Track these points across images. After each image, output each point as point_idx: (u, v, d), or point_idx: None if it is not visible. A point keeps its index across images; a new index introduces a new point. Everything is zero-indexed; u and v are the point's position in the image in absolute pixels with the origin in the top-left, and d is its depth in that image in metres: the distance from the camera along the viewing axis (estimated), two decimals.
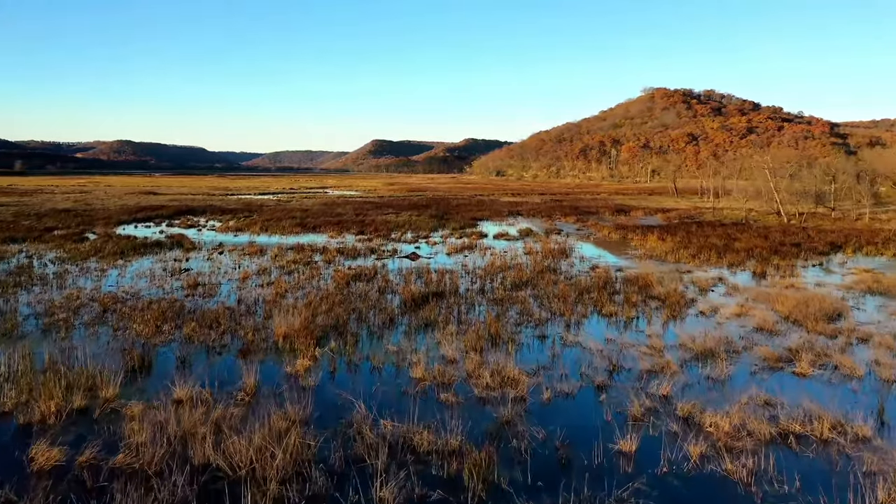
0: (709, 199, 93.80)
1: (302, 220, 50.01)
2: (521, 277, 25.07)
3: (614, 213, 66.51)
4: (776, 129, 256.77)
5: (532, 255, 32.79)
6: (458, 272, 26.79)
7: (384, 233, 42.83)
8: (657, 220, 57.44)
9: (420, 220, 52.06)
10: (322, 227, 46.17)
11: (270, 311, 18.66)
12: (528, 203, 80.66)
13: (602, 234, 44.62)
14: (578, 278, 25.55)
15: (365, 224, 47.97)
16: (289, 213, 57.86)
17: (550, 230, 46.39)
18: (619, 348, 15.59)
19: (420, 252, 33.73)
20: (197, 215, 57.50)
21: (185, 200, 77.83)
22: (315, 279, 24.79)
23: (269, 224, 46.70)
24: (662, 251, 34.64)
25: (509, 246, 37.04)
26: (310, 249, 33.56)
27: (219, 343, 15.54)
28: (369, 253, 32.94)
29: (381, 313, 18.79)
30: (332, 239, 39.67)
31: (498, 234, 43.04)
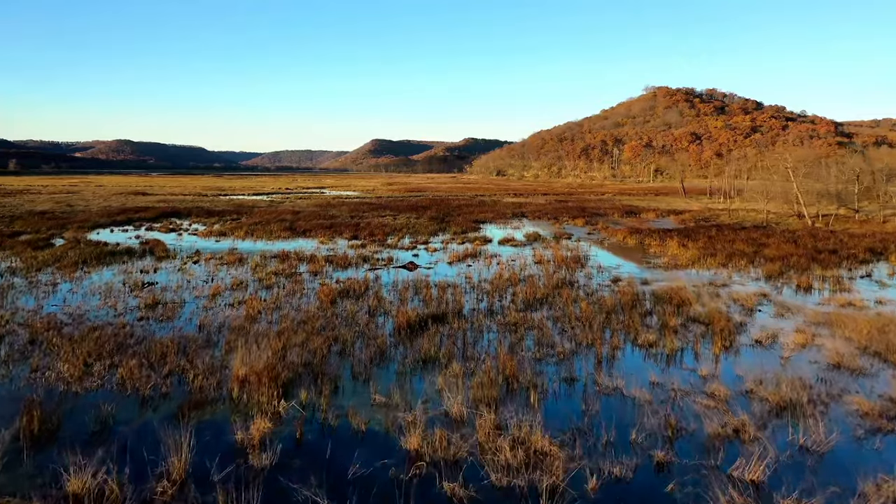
0: (720, 199, 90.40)
1: (292, 224, 46.58)
2: (534, 294, 21.64)
3: (624, 215, 63.11)
4: (780, 128, 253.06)
5: (543, 264, 29.37)
6: (461, 286, 23.38)
7: (380, 238, 39.41)
8: (671, 223, 54.03)
9: (419, 223, 48.65)
10: (313, 231, 42.74)
11: (235, 341, 15.24)
12: (531, 204, 77.24)
13: (616, 238, 41.19)
14: (600, 294, 22.13)
15: (359, 228, 44.54)
16: (279, 215, 54.44)
17: (559, 234, 42.95)
18: (670, 397, 12.19)
19: (419, 261, 30.31)
20: (182, 218, 54.09)
21: (173, 202, 74.41)
22: (296, 296, 21.38)
23: (256, 228, 43.26)
24: (687, 259, 31.22)
25: (517, 253, 33.62)
26: (296, 258, 30.15)
27: (158, 391, 12.12)
28: (361, 262, 29.50)
29: (369, 345, 15.37)
30: (322, 245, 36.25)
31: (503, 238, 39.60)
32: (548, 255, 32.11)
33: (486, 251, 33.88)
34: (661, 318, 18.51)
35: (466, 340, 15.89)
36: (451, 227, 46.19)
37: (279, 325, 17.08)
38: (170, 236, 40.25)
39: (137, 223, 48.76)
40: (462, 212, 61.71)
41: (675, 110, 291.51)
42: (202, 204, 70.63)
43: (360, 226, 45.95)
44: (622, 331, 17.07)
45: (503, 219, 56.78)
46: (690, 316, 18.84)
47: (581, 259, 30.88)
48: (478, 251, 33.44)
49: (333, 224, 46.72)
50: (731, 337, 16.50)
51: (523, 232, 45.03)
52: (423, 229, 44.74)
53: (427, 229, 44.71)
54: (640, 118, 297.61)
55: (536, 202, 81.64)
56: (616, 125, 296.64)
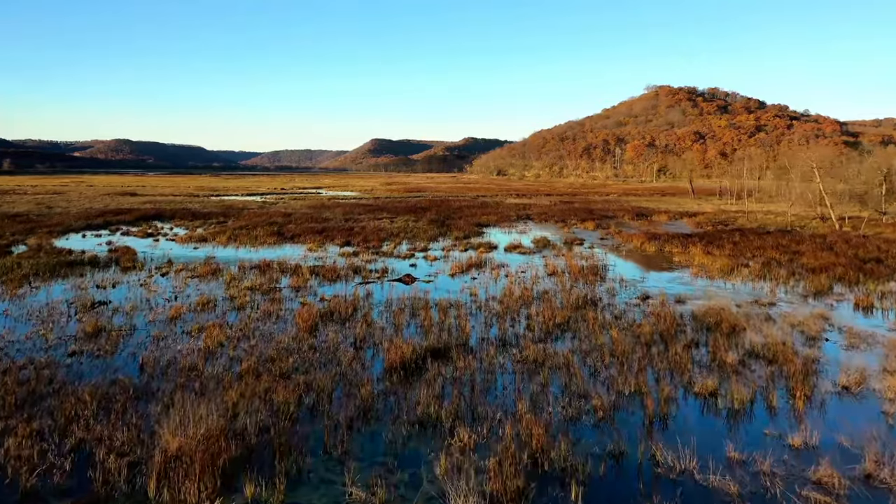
0: (731, 200, 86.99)
1: (281, 228, 43.14)
2: (552, 317, 18.21)
3: (634, 217, 59.68)
4: (785, 127, 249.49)
5: (557, 276, 25.94)
6: (465, 305, 19.98)
7: (375, 244, 35.98)
8: (687, 227, 50.63)
9: (418, 227, 45.22)
10: (302, 236, 39.29)
11: (178, 392, 11.83)
12: (536, 205, 73.81)
13: (633, 244, 37.75)
14: (631, 317, 18.73)
15: (353, 233, 41.09)
16: (269, 217, 51.00)
17: (570, 240, 39.50)
18: (764, 487, 8.76)
19: (417, 272, 26.88)
20: (165, 220, 50.66)
21: (161, 203, 70.98)
22: (271, 320, 17.96)
23: (241, 233, 39.80)
24: (717, 270, 27.80)
25: (526, 262, 30.20)
26: (278, 269, 26.72)
27: (48, 481, 8.69)
28: (352, 274, 26.05)
29: (350, 395, 11.96)
30: (310, 252, 32.83)
31: (510, 245, 36.14)
32: (561, 265, 28.68)
33: (492, 260, 30.45)
34: (714, 352, 15.07)
35: (475, 387, 12.47)
36: (453, 232, 42.75)
37: (242, 363, 13.66)
38: (145, 242, 36.80)
39: (115, 227, 45.30)
40: (463, 214, 58.28)
41: (678, 109, 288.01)
42: (190, 205, 67.18)
43: (353, 230, 42.51)
44: (670, 371, 13.65)
45: (507, 222, 53.36)
46: (747, 349, 15.41)
47: (599, 270, 27.44)
48: (482, 260, 30.00)
49: (325, 228, 43.27)
50: (810, 381, 13.06)
51: (531, 237, 41.60)
52: (421, 234, 41.31)
53: (426, 234, 41.27)
54: (643, 117, 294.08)
55: (541, 203, 78.19)
56: (618, 124, 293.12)
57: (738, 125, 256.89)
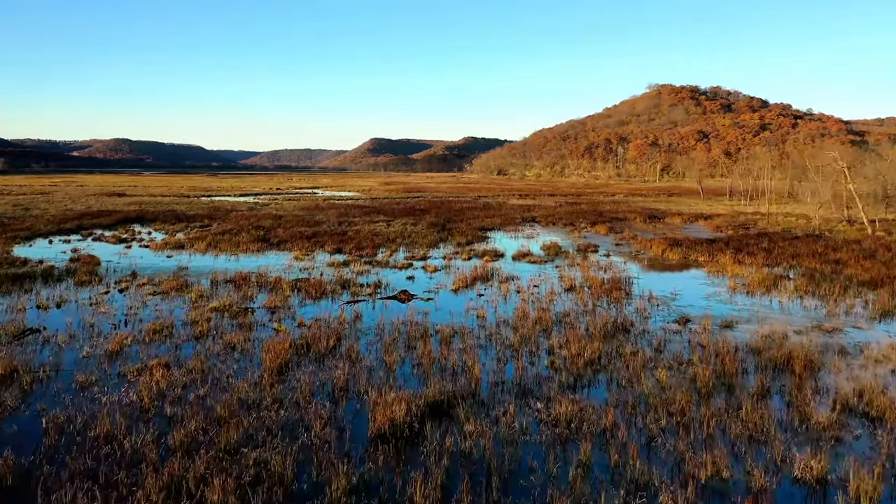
0: (742, 201, 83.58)
1: (268, 233, 39.72)
2: (580, 350, 14.81)
3: (647, 220, 56.27)
4: (790, 126, 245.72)
5: (577, 292, 22.53)
6: (472, 334, 16.59)
7: (368, 252, 32.57)
8: (706, 231, 47.24)
9: (416, 232, 41.80)
10: (290, 242, 35.87)
11: (67, 489, 8.41)
12: (541, 206, 70.37)
13: (653, 251, 34.32)
14: (674, 349, 15.36)
15: (346, 238, 37.67)
16: (258, 220, 47.59)
17: (583, 247, 36.05)
18: None
19: (414, 287, 23.46)
20: (144, 224, 47.23)
21: (147, 204, 67.56)
22: (232, 356, 14.55)
23: (222, 239, 36.35)
24: (756, 283, 24.38)
25: (538, 273, 26.80)
26: (256, 283, 23.31)
27: None
28: (340, 290, 22.63)
29: (317, 491, 8.51)
30: (296, 262, 29.43)
31: (518, 253, 32.69)
32: (578, 278, 25.27)
33: (500, 271, 27.01)
34: (796, 406, 11.66)
35: (492, 470, 9.04)
36: (454, 237, 39.32)
37: (178, 429, 10.23)
38: (115, 249, 33.37)
39: (88, 231, 41.84)
40: (465, 216, 54.86)
41: (681, 108, 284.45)
42: (178, 207, 63.72)
43: (346, 235, 39.07)
44: (749, 438, 10.23)
45: (512, 225, 49.94)
46: (838, 399, 11.99)
47: (623, 284, 24.02)
48: (489, 272, 26.55)
49: (316, 233, 39.82)
50: None
51: (539, 242, 38.17)
52: (420, 240, 37.89)
53: (426, 239, 37.85)
54: (645, 116, 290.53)
55: (545, 204, 74.76)
56: (620, 123, 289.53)
57: (742, 124, 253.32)
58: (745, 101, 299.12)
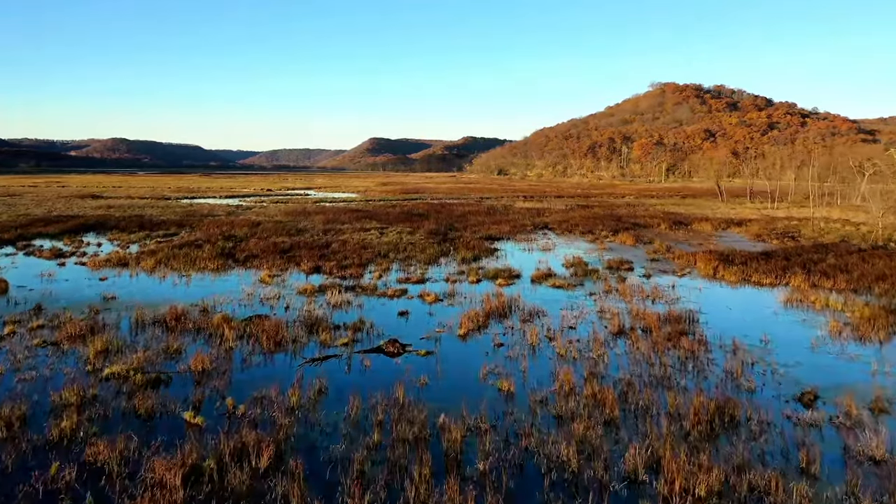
0: (767, 203, 77.40)
1: (236, 245, 33.60)
2: (681, 474, 8.66)
3: (672, 227, 50.18)
4: (799, 124, 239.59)
5: (631, 338, 16.40)
6: (497, 433, 10.52)
7: (353, 271, 26.43)
8: (744, 239, 41.14)
9: (413, 242, 35.66)
10: (260, 257, 29.72)
11: None
12: (551, 210, 64.21)
13: (701, 270, 28.16)
14: (834, 474, 9.22)
15: (328, 252, 31.53)
16: (230, 229, 41.44)
17: (614, 263, 29.84)
18: None
19: (408, 329, 17.33)
20: (101, 232, 41.04)
21: (118, 208, 61.35)
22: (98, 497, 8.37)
23: (179, 254, 30.15)
24: (861, 319, 18.31)
25: (569, 305, 20.68)
26: (193, 325, 17.18)
27: None
28: (305, 335, 16.50)
29: None
30: (260, 286, 23.29)
31: (538, 273, 26.50)
32: (623, 312, 19.18)
33: (519, 302, 20.86)
34: None
35: None
36: (458, 250, 33.18)
37: None
38: (43, 267, 27.18)
39: (27, 242, 35.62)
40: (469, 222, 48.72)
41: (686, 106, 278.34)
42: (151, 211, 57.50)
43: (329, 248, 32.91)
44: None
45: (523, 233, 43.81)
46: None
47: (687, 324, 17.92)
48: (506, 304, 20.36)
49: (295, 245, 33.65)
50: None
51: (560, 257, 32.05)
52: (418, 253, 31.76)
53: (424, 253, 31.70)
54: (649, 115, 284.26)
55: (555, 208, 68.58)
56: (623, 122, 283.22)
57: (749, 122, 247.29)
58: (749, 100, 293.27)
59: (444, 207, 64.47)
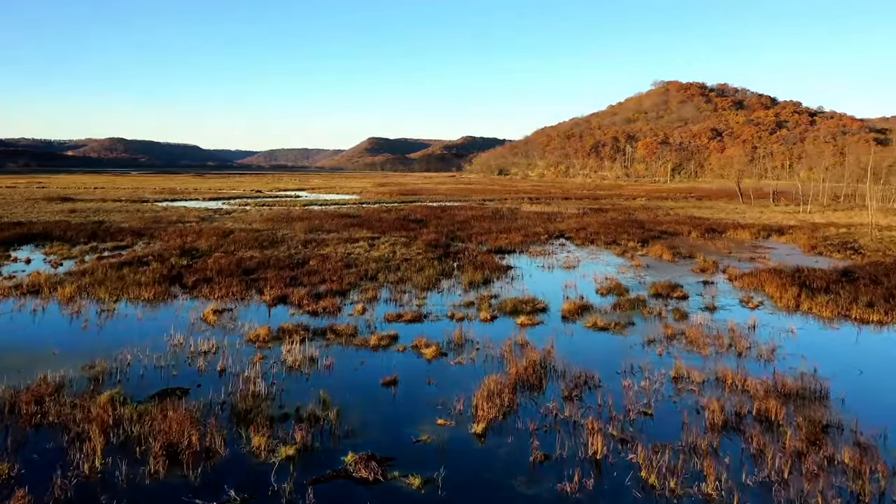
0: (792, 206, 71.29)
1: (192, 263, 27.44)
2: None
3: (705, 235, 44.09)
4: (808, 123, 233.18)
5: (749, 444, 10.27)
6: None
7: (330, 301, 20.25)
8: (797, 252, 35.10)
9: (409, 257, 29.52)
10: (216, 280, 23.51)
11: None
12: (563, 215, 58.02)
13: (776, 299, 22.00)
14: None
15: (304, 272, 25.36)
16: (195, 239, 35.30)
17: (662, 289, 23.53)
18: None
19: (395, 411, 11.15)
20: (42, 243, 34.79)
21: (83, 212, 55.09)
22: None
23: (114, 276, 23.92)
24: None
25: (627, 364, 14.55)
26: (59, 417, 11.02)
27: None
28: (225, 447, 10.33)
29: None
30: (201, 328, 17.13)
31: (570, 306, 20.27)
32: (709, 379, 13.05)
33: (555, 361, 14.70)
34: None
35: None
36: (464, 270, 27.03)
37: None
38: None
39: None
40: (473, 230, 42.59)
41: (691, 105, 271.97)
42: (115, 217, 51.23)
43: (305, 266, 26.73)
44: None
45: (537, 243, 37.69)
46: None
47: (818, 408, 11.81)
48: (537, 365, 14.17)
49: (262, 264, 27.47)
50: None
51: (589, 277, 25.91)
52: (413, 273, 25.61)
53: (422, 274, 25.54)
54: (653, 113, 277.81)
55: (567, 212, 62.37)
56: (627, 121, 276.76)
57: (756, 121, 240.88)
58: (755, 99, 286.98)
59: (444, 212, 58.23)
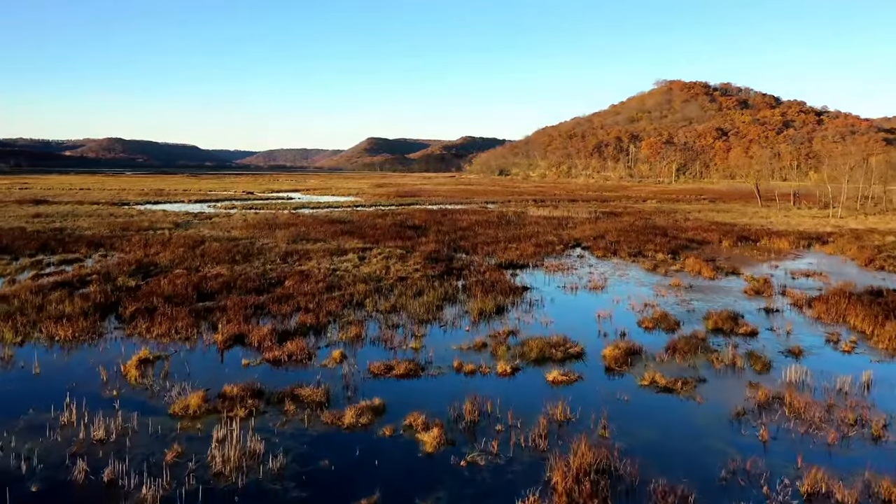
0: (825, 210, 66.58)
1: (141, 285, 22.65)
2: None
3: (737, 244, 39.42)
4: (815, 123, 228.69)
5: None
6: None
7: (297, 344, 15.48)
8: (853, 264, 30.41)
9: (406, 274, 24.78)
10: (160, 312, 18.70)
11: None
12: (574, 220, 53.25)
13: (877, 338, 17.27)
14: None
15: (276, 295, 20.58)
16: (160, 250, 30.56)
17: (720, 321, 18.81)
18: None
19: None
20: None
21: (45, 218, 50.28)
22: None
23: (33, 305, 19.17)
24: None
25: (720, 461, 9.76)
26: None
27: None
28: None
29: None
30: (118, 388, 12.35)
31: (613, 351, 15.47)
32: (856, 489, 8.25)
33: (615, 458, 9.94)
34: None
35: None
36: (471, 291, 22.28)
37: None
38: None
39: None
40: (478, 239, 37.87)
41: (695, 104, 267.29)
42: (81, 222, 46.42)
43: (277, 288, 21.94)
44: None
45: (552, 255, 33.00)
46: None
47: None
48: (590, 468, 9.43)
49: (227, 285, 22.66)
50: None
51: (624, 302, 21.18)
52: (409, 299, 20.85)
53: (420, 302, 20.77)
54: (657, 113, 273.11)
55: (578, 216, 57.58)
56: (630, 120, 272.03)
57: (763, 121, 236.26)
58: (759, 98, 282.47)
59: (445, 216, 53.46)
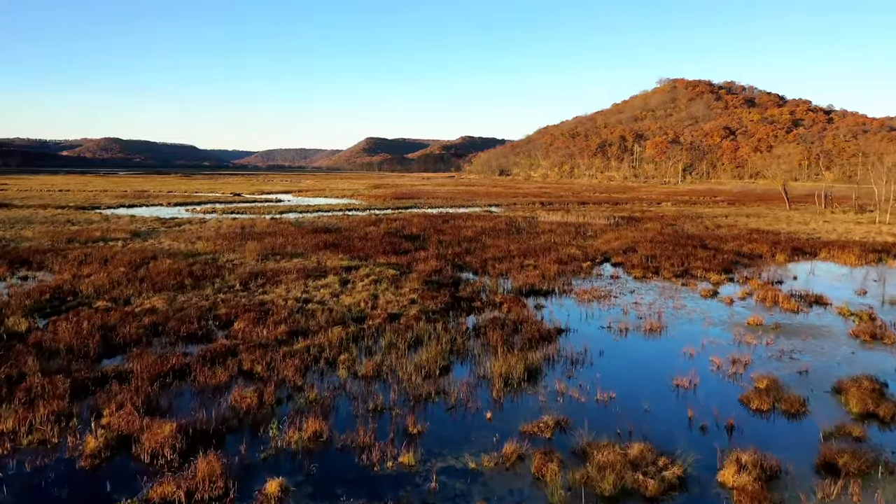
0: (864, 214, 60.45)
1: (27, 333, 16.46)
2: None
3: (793, 258, 33.30)
4: (825, 121, 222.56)
5: None
6: None
7: (217, 461, 9.30)
8: None
9: (397, 311, 18.62)
10: (30, 381, 12.50)
11: None
12: (593, 227, 47.03)
13: None
14: None
15: (212, 349, 14.36)
16: (99, 268, 24.38)
17: (858, 398, 12.78)
18: None
19: None
20: None
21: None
22: None
23: None
24: None
25: None
26: None
27: None
28: None
29: None
30: None
31: (738, 476, 9.40)
32: None
33: None
34: None
35: None
36: (488, 338, 16.10)
37: None
38: None
39: None
40: (487, 253, 31.73)
41: (700, 102, 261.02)
42: (23, 233, 40.23)
43: (224, 330, 15.78)
44: None
45: (580, 274, 26.88)
46: None
47: None
48: None
49: (155, 325, 16.48)
50: None
51: (702, 357, 15.02)
52: (401, 356, 14.69)
53: (416, 360, 14.60)
54: (661, 111, 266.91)
55: (595, 222, 51.34)
56: (634, 119, 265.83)
57: (771, 119, 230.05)
58: (765, 96, 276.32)
59: (446, 223, 47.26)
